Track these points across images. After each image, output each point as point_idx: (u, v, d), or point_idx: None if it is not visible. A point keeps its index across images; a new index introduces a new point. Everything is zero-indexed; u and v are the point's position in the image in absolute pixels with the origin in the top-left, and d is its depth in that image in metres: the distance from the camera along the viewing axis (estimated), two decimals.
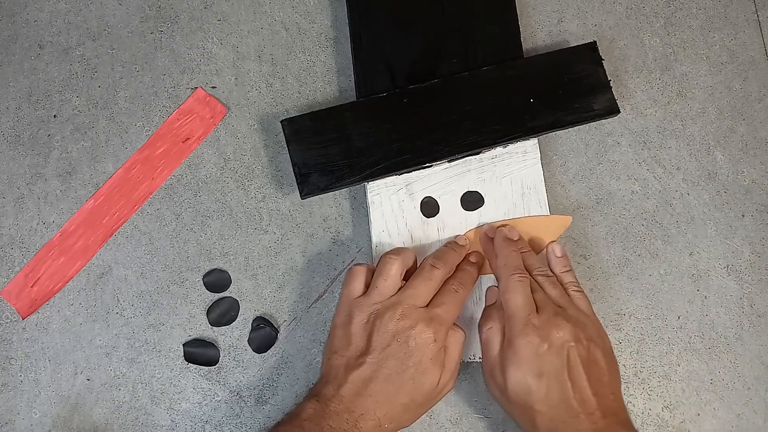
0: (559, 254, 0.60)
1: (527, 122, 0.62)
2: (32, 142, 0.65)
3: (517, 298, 0.56)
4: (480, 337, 0.58)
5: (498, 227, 0.61)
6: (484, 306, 0.61)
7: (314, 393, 0.55)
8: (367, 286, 0.58)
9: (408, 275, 0.59)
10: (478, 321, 0.60)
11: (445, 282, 0.58)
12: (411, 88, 0.62)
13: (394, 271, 0.57)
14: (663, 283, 0.64)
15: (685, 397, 0.62)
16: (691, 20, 0.68)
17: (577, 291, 0.58)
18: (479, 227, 0.62)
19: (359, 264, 0.59)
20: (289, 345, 0.63)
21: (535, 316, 0.55)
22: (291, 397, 0.62)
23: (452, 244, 0.61)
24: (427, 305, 0.57)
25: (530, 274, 0.58)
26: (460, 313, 0.58)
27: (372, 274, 0.58)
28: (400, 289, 0.57)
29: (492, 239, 0.61)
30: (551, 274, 0.59)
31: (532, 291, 0.57)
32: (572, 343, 0.54)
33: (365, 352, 0.55)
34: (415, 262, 0.60)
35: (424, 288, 0.57)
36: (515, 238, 0.60)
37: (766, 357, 0.63)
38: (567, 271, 0.60)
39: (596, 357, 0.55)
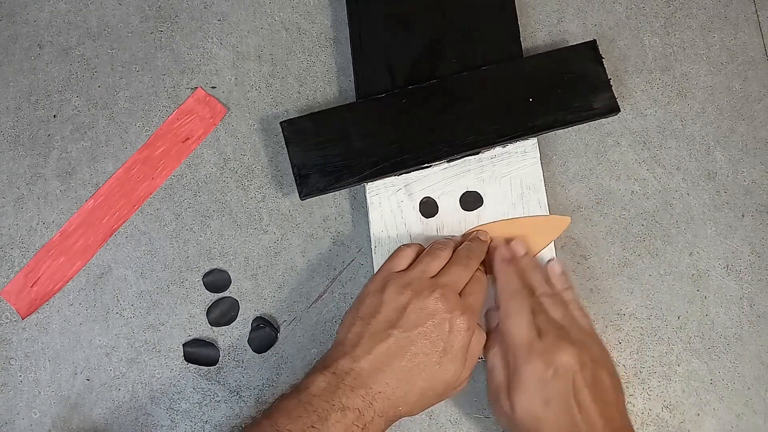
0: (558, 272, 0.60)
1: (527, 122, 0.62)
2: (32, 142, 0.65)
3: (518, 325, 0.55)
4: (486, 362, 0.58)
5: (497, 246, 0.60)
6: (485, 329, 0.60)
7: (327, 364, 0.53)
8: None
9: None
10: None
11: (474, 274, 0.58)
12: (410, 88, 0.62)
13: (443, 255, 0.57)
14: (663, 283, 0.64)
15: (685, 397, 0.62)
16: (691, 20, 0.67)
17: (577, 310, 0.58)
18: (493, 223, 0.62)
19: (409, 244, 0.59)
20: (289, 345, 0.63)
21: (537, 341, 0.54)
22: None
23: (476, 239, 0.60)
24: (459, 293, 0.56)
25: (534, 293, 0.57)
26: None
27: (417, 256, 0.58)
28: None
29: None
30: (554, 293, 0.58)
31: (534, 314, 0.56)
32: (577, 367, 0.53)
33: (394, 324, 0.53)
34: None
35: (461, 275, 0.57)
36: (520, 254, 0.60)
37: (766, 357, 0.63)
38: (567, 288, 0.59)
39: (601, 377, 0.54)
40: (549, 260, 0.61)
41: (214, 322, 0.63)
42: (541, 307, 0.57)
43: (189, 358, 0.63)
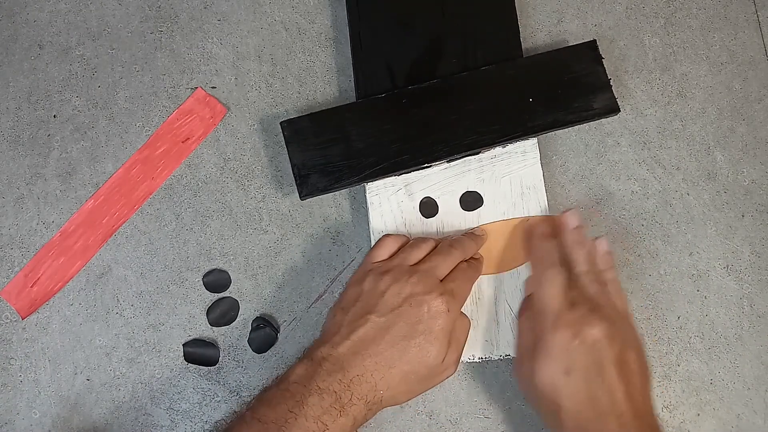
0: (603, 250, 0.59)
1: (527, 122, 0.62)
2: (32, 142, 0.65)
3: (550, 292, 0.55)
4: (518, 327, 0.58)
5: (536, 222, 0.61)
6: (522, 297, 0.60)
7: (308, 353, 0.54)
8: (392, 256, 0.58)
9: None
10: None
11: (458, 264, 0.58)
12: (410, 88, 0.62)
13: (425, 247, 0.58)
14: (663, 283, 0.64)
15: (685, 397, 0.62)
16: (691, 20, 0.67)
17: (615, 290, 0.57)
18: (493, 223, 0.62)
19: (391, 234, 0.59)
20: (289, 345, 0.63)
21: (567, 311, 0.54)
22: None
23: (470, 234, 0.61)
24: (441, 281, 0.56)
25: (573, 269, 0.57)
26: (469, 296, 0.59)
27: (400, 248, 0.58)
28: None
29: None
30: (594, 270, 0.57)
31: (569, 288, 0.55)
32: (605, 343, 0.52)
33: (371, 310, 0.54)
34: None
35: (442, 263, 0.57)
36: (572, 225, 0.59)
37: (766, 357, 0.63)
38: (609, 268, 0.58)
39: (628, 358, 0.53)
40: (597, 237, 0.60)
41: (214, 322, 0.63)
42: (577, 283, 0.56)
43: (189, 358, 0.63)
